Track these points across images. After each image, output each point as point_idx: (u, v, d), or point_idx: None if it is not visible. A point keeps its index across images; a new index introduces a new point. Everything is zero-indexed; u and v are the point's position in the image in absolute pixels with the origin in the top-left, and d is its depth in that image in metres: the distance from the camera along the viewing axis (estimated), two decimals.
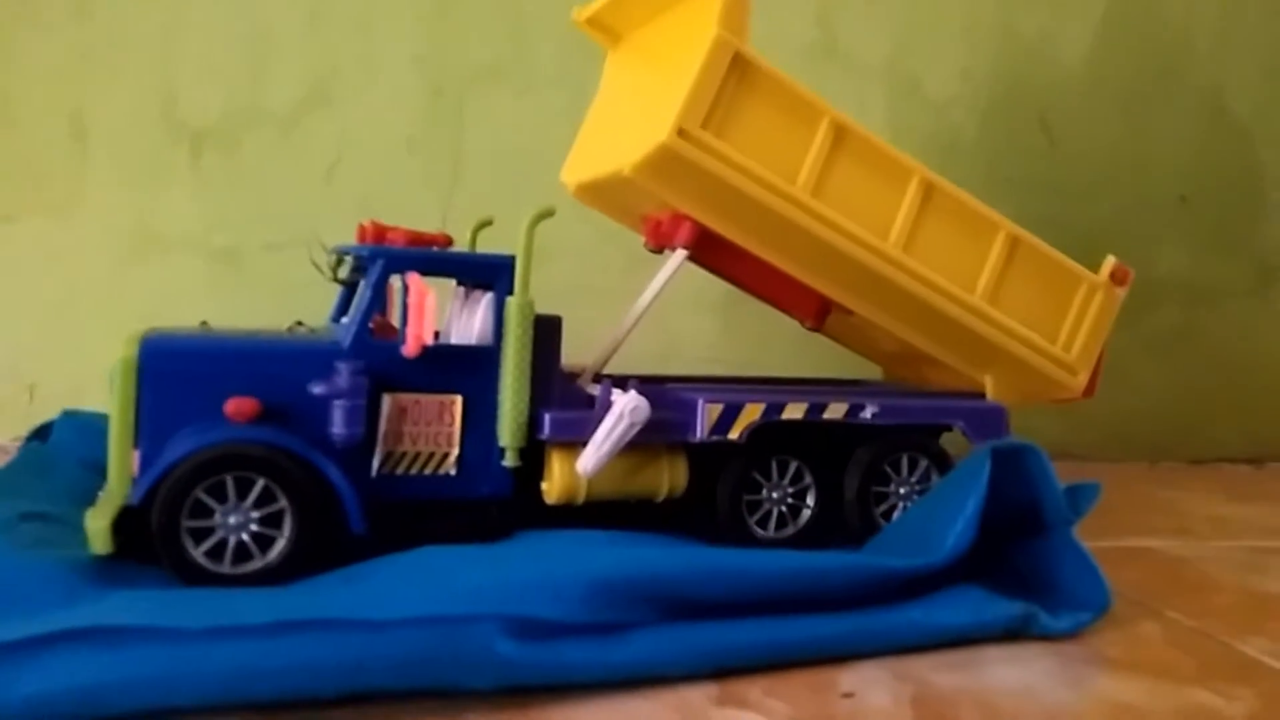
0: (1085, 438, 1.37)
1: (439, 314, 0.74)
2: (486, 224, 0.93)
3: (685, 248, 0.84)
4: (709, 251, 0.86)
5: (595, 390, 0.81)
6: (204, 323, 0.81)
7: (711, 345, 1.33)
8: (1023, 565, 0.69)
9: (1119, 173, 1.39)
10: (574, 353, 1.18)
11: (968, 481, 0.66)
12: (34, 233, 1.22)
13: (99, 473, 0.75)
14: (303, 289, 1.27)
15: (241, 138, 1.25)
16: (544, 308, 0.85)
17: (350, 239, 1.27)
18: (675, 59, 0.81)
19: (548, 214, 0.76)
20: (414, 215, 1.27)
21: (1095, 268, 1.40)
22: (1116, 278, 0.90)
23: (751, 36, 0.81)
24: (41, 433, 0.92)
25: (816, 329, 0.94)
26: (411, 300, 0.72)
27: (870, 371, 1.08)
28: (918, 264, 0.83)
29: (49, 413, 1.23)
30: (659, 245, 0.91)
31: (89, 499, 0.75)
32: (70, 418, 0.92)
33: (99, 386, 1.12)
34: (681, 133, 0.76)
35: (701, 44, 0.77)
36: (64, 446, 0.87)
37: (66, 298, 1.23)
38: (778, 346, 1.25)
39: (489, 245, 1.05)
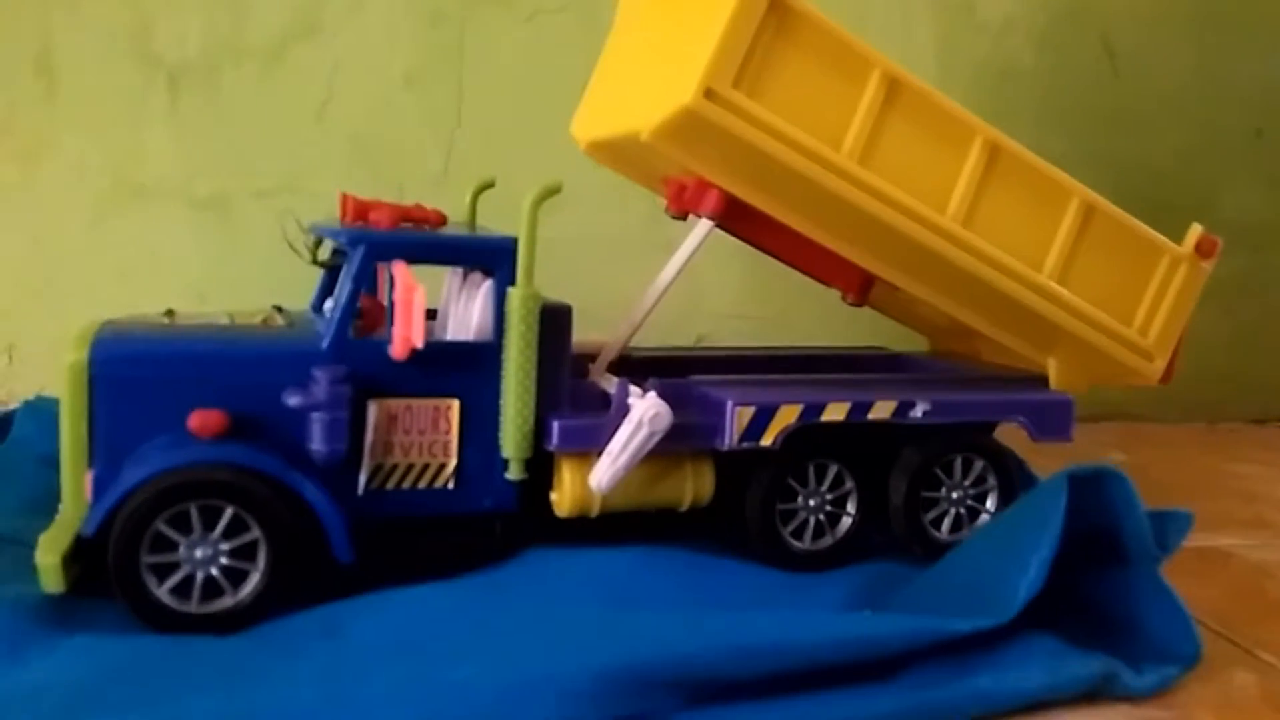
0: (1140, 396, 1.26)
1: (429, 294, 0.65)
2: (488, 186, 0.83)
3: (712, 218, 0.74)
4: (739, 220, 0.75)
5: (610, 385, 0.72)
6: (169, 311, 0.72)
7: (737, 299, 1.23)
8: (1100, 601, 0.61)
9: (1188, 103, 1.26)
10: (590, 315, 1.08)
11: (1043, 515, 0.57)
12: (1, 180, 1.13)
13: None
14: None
15: (223, 73, 1.13)
16: (557, 259, 0.73)
17: (344, 185, 1.17)
18: (702, 5, 0.70)
19: (553, 191, 0.66)
20: (413, 156, 1.17)
21: (1159, 207, 1.28)
22: (1202, 250, 0.79)
23: None
24: (2, 423, 0.83)
25: (858, 304, 0.84)
26: (398, 296, 0.62)
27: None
28: (979, 239, 0.72)
29: (30, 374, 1.16)
30: (682, 211, 0.80)
31: (48, 506, 0.68)
32: (32, 409, 0.83)
33: None
34: (709, 93, 0.65)
35: None
36: (24, 443, 0.79)
37: (40, 252, 1.14)
38: (809, 300, 1.14)
39: (491, 208, 0.95)
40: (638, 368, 0.79)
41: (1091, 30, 1.23)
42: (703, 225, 0.75)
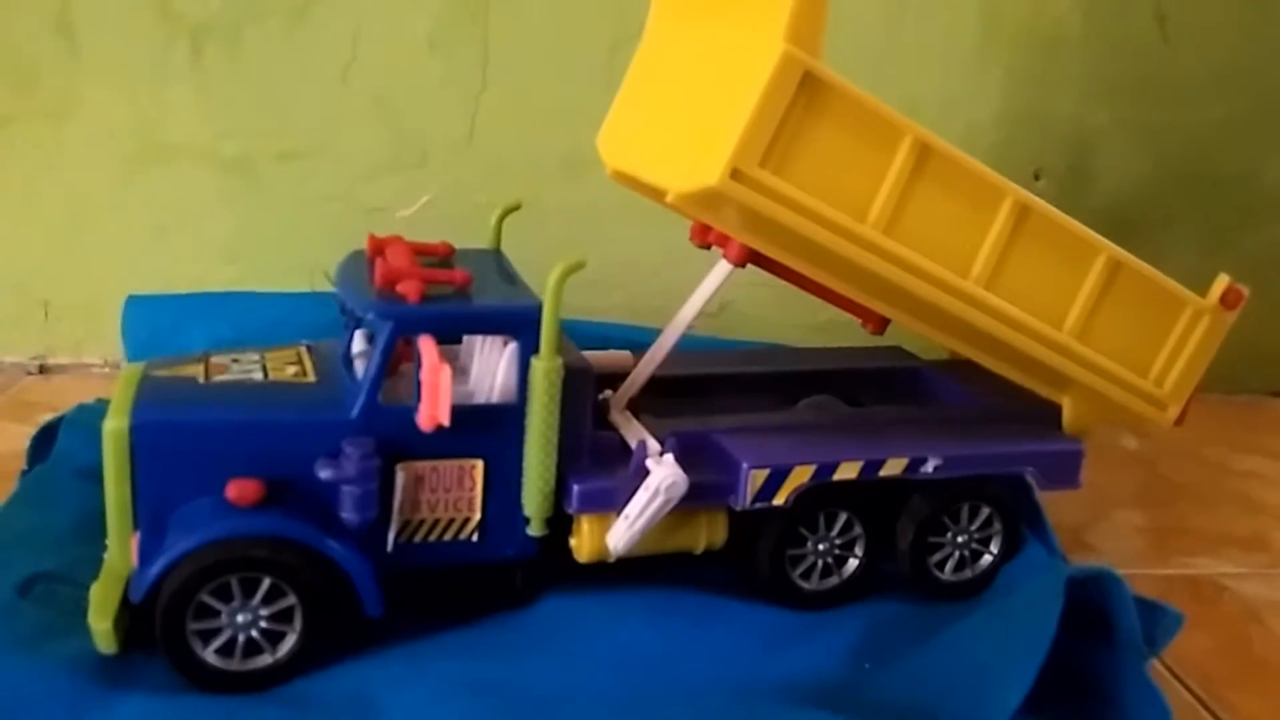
0: None
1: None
2: (513, 209, 0.83)
3: (735, 264, 0.75)
4: (763, 261, 0.76)
5: (628, 426, 0.74)
6: (205, 355, 0.73)
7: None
8: (1083, 680, 0.64)
9: (1238, 73, 1.21)
10: (610, 281, 1.09)
11: (1039, 621, 0.60)
12: (28, 138, 1.13)
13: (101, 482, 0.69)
14: (320, 203, 1.19)
15: (244, 32, 1.11)
16: (583, 226, 0.72)
17: (368, 149, 1.16)
18: (737, 49, 0.68)
19: (577, 268, 0.67)
20: (438, 120, 1.16)
21: (1199, 179, 1.26)
22: (1228, 301, 0.79)
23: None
24: (46, 434, 0.86)
25: (877, 333, 0.86)
26: (425, 377, 0.64)
27: None
28: (1000, 301, 0.72)
29: (65, 330, 1.19)
30: (706, 244, 0.81)
31: (92, 530, 0.71)
32: (72, 424, 0.86)
33: (114, 302, 1.07)
34: (735, 173, 0.64)
35: (766, 56, 0.64)
36: (66, 457, 0.82)
37: (71, 209, 1.15)
38: None
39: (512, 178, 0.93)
40: (656, 388, 0.81)
41: None
42: (724, 267, 0.76)
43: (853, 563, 0.77)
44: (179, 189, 1.15)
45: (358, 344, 0.74)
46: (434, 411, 0.64)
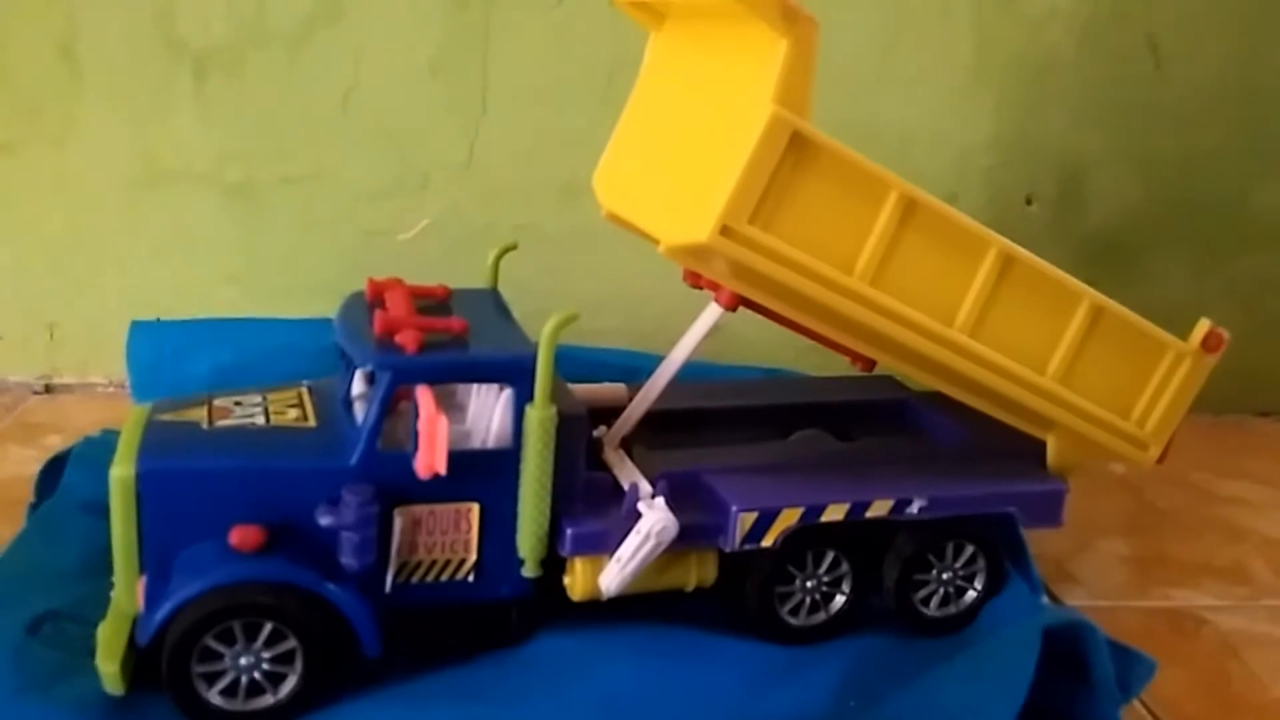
0: None
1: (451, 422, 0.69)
2: (510, 249, 0.84)
3: (726, 308, 0.77)
4: (754, 305, 0.78)
5: (621, 465, 0.76)
6: (209, 396, 0.75)
7: None
8: (1055, 712, 0.66)
9: (1230, 100, 1.22)
10: (611, 305, 1.10)
11: (1015, 668, 0.62)
12: (33, 163, 1.14)
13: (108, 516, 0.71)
14: (321, 226, 1.21)
15: (247, 58, 1.13)
16: (580, 250, 0.73)
17: (370, 172, 1.18)
18: (729, 102, 0.70)
19: (570, 320, 0.68)
20: (438, 145, 1.17)
21: (1190, 204, 1.27)
22: (1209, 345, 0.80)
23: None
24: (54, 467, 0.88)
25: (866, 371, 0.88)
26: (422, 427, 0.66)
27: None
28: (985, 348, 0.74)
29: (70, 351, 1.21)
30: (697, 287, 0.83)
31: (99, 566, 0.73)
32: (79, 459, 0.88)
33: (118, 323, 1.09)
34: (724, 230, 0.66)
35: (756, 116, 0.65)
36: (71, 490, 0.84)
37: (76, 233, 1.17)
38: None
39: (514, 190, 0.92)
40: (649, 421, 0.83)
41: (1136, 24, 1.19)
42: (715, 311, 0.78)
43: (840, 599, 0.79)
44: (182, 213, 1.17)
45: (357, 386, 0.76)
46: (431, 461, 0.66)
